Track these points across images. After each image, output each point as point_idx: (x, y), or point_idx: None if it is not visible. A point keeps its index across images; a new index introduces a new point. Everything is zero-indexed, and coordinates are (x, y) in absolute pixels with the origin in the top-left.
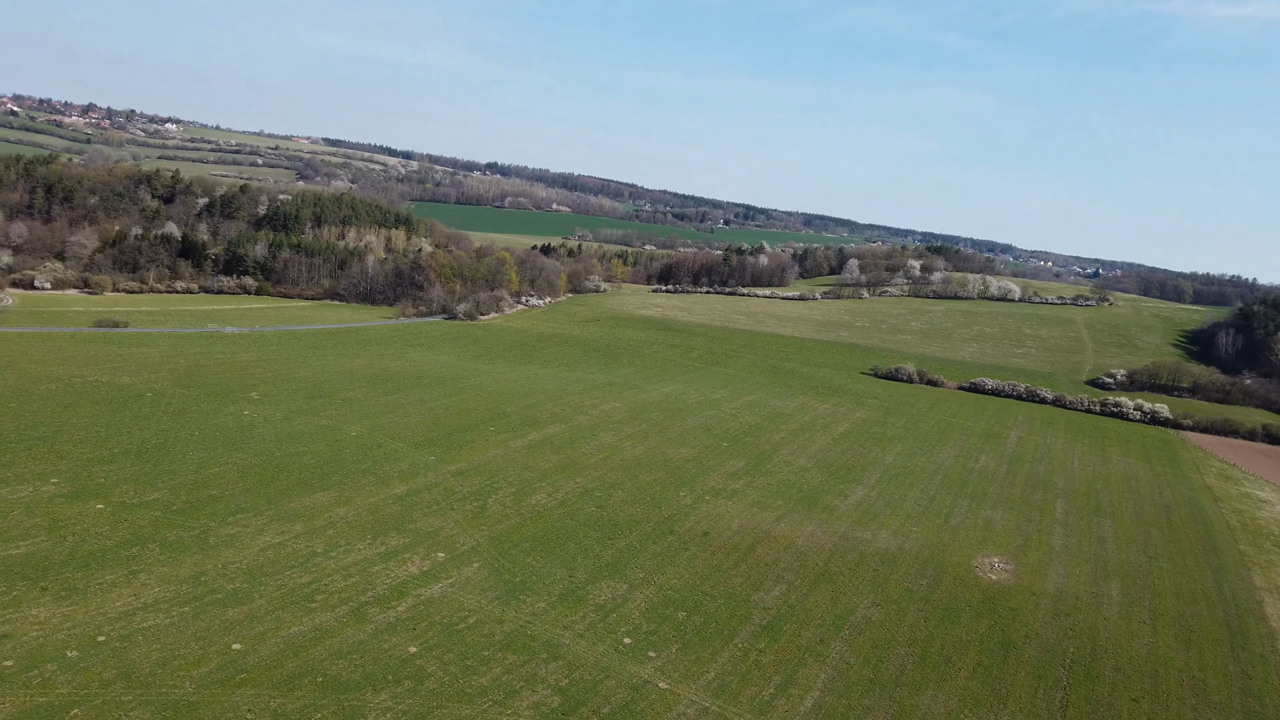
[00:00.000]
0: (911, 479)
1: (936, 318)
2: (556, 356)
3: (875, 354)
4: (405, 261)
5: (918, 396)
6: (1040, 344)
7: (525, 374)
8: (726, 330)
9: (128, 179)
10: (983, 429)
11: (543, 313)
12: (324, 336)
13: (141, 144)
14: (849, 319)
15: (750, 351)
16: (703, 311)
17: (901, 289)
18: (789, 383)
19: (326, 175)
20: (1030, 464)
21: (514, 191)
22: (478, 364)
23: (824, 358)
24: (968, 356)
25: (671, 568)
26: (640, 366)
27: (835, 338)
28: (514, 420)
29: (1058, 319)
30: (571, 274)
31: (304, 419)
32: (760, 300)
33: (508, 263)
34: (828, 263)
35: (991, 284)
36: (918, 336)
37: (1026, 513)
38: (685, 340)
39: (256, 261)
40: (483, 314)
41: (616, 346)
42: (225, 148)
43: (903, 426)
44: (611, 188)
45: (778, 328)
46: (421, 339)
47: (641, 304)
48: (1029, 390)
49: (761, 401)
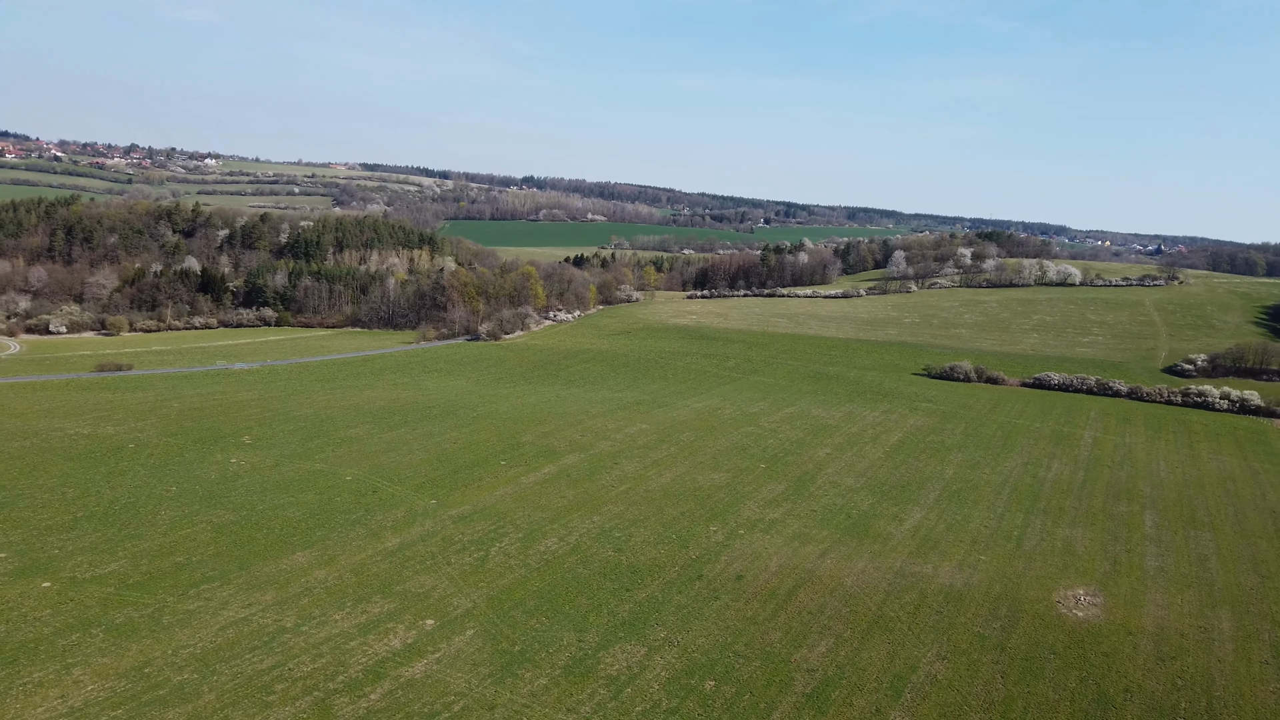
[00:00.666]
0: (975, 495)
1: (992, 308)
2: (582, 374)
3: (927, 352)
4: (427, 282)
5: (976, 397)
6: (1108, 330)
7: (546, 396)
8: (765, 335)
9: (148, 215)
10: (1052, 430)
11: (571, 327)
12: (337, 368)
13: (181, 180)
14: (897, 315)
15: (791, 357)
16: (740, 317)
17: (952, 280)
18: (834, 390)
19: (362, 199)
20: (1109, 469)
21: (549, 204)
22: (496, 388)
23: (871, 359)
24: (1029, 349)
25: (698, 622)
26: (672, 380)
27: (883, 337)
28: (528, 451)
29: (1125, 302)
30: (601, 285)
31: (296, 464)
32: (801, 301)
33: (533, 277)
34: (872, 256)
35: (1049, 268)
36: (973, 330)
37: (1111, 529)
38: (721, 349)
39: (276, 292)
40: (507, 333)
41: (647, 360)
42: (263, 179)
43: (962, 433)
44: (649, 193)
45: (820, 329)
46: (440, 364)
47: (675, 312)
48: (1100, 383)
49: (803, 413)
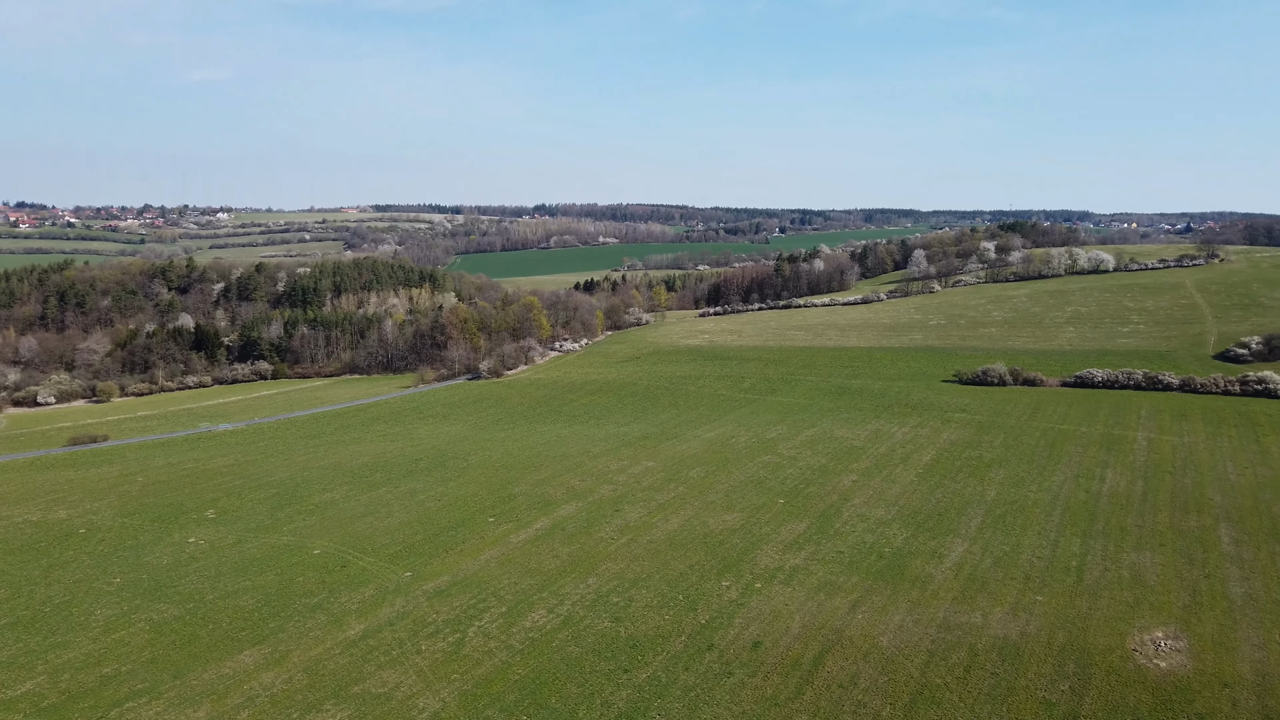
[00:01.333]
0: (1023, 518)
1: (1022, 303)
2: (587, 409)
3: (956, 355)
4: (426, 322)
5: (1014, 402)
6: (1149, 318)
7: (546, 437)
8: (782, 350)
9: (142, 275)
10: (1101, 434)
11: (577, 357)
12: (328, 421)
13: (194, 236)
14: (921, 318)
15: (809, 372)
16: (754, 332)
17: (977, 276)
18: (857, 405)
19: (374, 241)
20: (1171, 475)
21: (560, 230)
22: (493, 432)
23: (897, 368)
24: (1066, 344)
25: (709, 708)
26: (683, 408)
27: (907, 342)
28: (521, 504)
29: (1164, 285)
30: (609, 310)
31: (260, 539)
32: (818, 310)
33: (535, 308)
34: (891, 258)
35: (1079, 256)
36: (1003, 328)
37: (1184, 549)
38: (735, 369)
39: (271, 343)
40: (509, 368)
41: (656, 387)
42: (274, 228)
43: (1002, 445)
44: (661, 212)
45: (840, 339)
46: (435, 408)
47: (687, 332)
48: (1148, 377)
49: (825, 434)
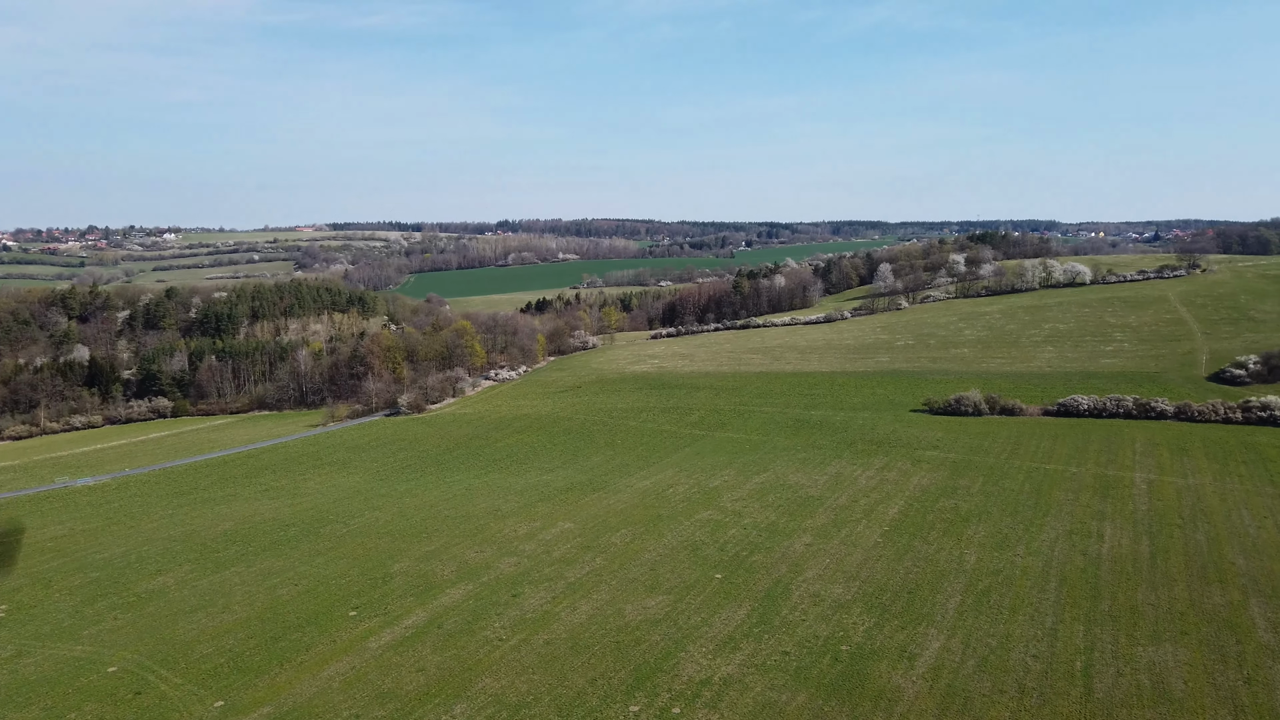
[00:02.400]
0: (1012, 595)
1: (995, 320)
2: (510, 451)
3: (926, 381)
4: (345, 350)
5: (992, 435)
6: (1133, 335)
7: (453, 490)
8: (736, 377)
9: (39, 303)
10: (1093, 476)
11: (513, 388)
12: (207, 471)
13: (138, 259)
14: (888, 338)
15: (766, 402)
16: (708, 356)
17: (946, 291)
18: (817, 442)
19: (326, 260)
20: (1180, 529)
21: (519, 247)
22: (394, 483)
23: (861, 395)
24: (1045, 365)
25: None
26: (619, 448)
27: (873, 366)
28: (397, 588)
29: (1146, 299)
30: (552, 333)
31: (48, 649)
32: (778, 331)
33: (468, 333)
34: (856, 272)
35: (1055, 268)
36: (977, 349)
37: (1212, 639)
38: (683, 400)
39: (173, 378)
40: (433, 402)
41: (593, 423)
42: (223, 249)
43: (980, 491)
44: (627, 227)
45: (800, 363)
46: (337, 453)
47: (635, 357)
48: (1140, 403)
49: (778, 481)
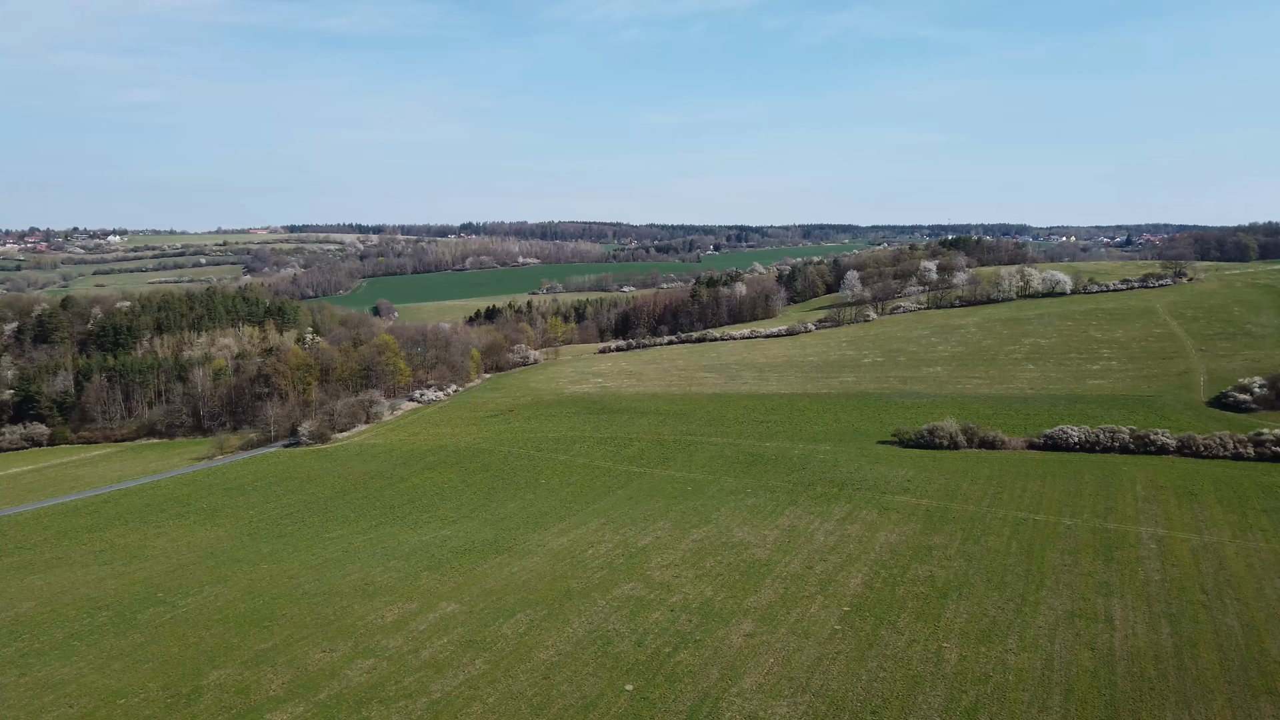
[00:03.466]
0: (1005, 715)
1: (971, 334)
2: (413, 495)
3: (896, 405)
4: (250, 370)
5: (971, 475)
6: (1121, 352)
7: (325, 553)
8: (686, 399)
9: None
10: (1091, 529)
11: (437, 411)
12: (49, 521)
13: (78, 262)
14: (854, 354)
15: (716, 430)
16: (657, 374)
17: (918, 300)
18: (770, 482)
19: (276, 264)
20: (1206, 609)
21: (479, 251)
22: (260, 541)
23: (823, 423)
24: (1026, 386)
25: None
26: (540, 491)
27: (837, 386)
28: (203, 710)
29: (1132, 311)
30: (489, 348)
31: None
32: (736, 345)
33: (390, 349)
34: (822, 280)
35: (1033, 277)
36: (951, 367)
37: None
38: (624, 428)
39: (54, 400)
40: (341, 429)
41: (517, 457)
42: (169, 252)
43: (959, 553)
44: (594, 230)
45: (757, 384)
46: (211, 497)
47: (578, 375)
48: (1137, 435)
49: (721, 538)
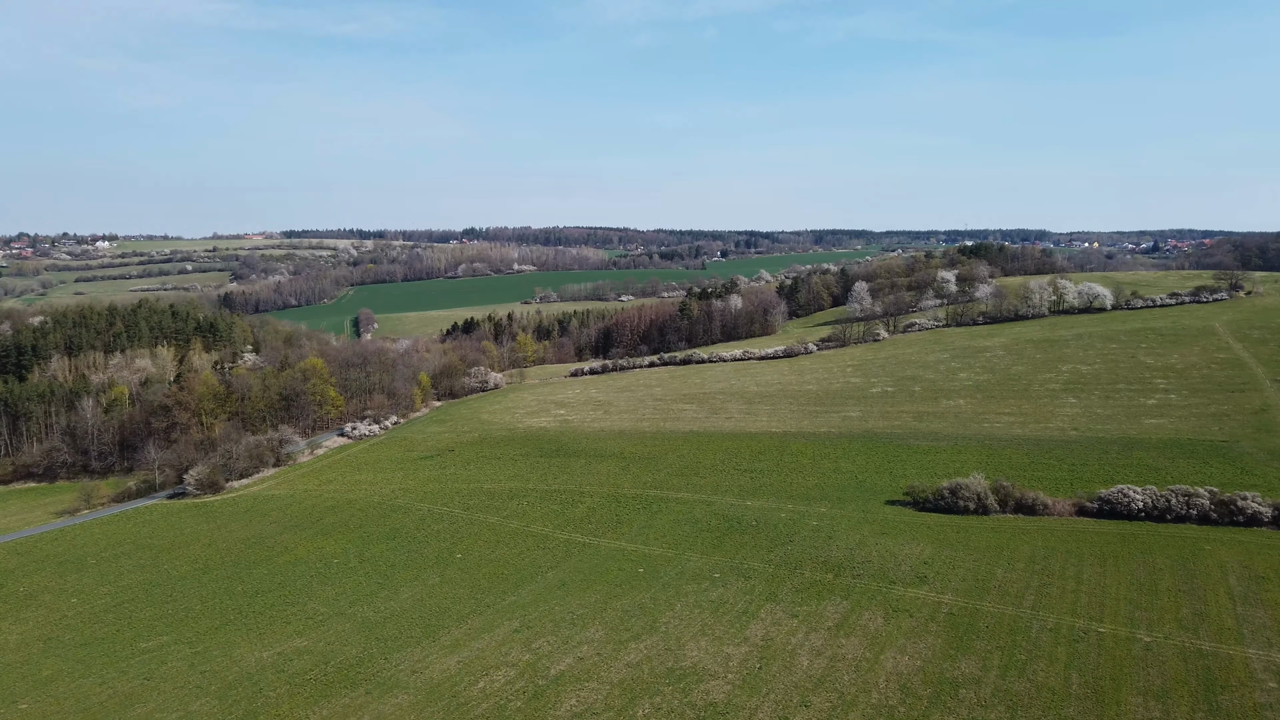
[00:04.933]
0: None
1: (998, 358)
2: (288, 574)
3: (909, 449)
4: (154, 400)
5: (1006, 553)
6: (1180, 382)
7: (125, 677)
8: (657, 439)
9: None
10: (1178, 651)
11: (365, 450)
12: None
13: (63, 268)
14: (860, 382)
15: (687, 481)
16: (630, 405)
17: (934, 317)
18: (746, 563)
19: (265, 271)
20: None
21: (473, 257)
22: (56, 652)
23: (819, 474)
24: (1068, 426)
25: None
26: (453, 571)
27: (839, 423)
28: None
29: (1186, 331)
30: (442, 371)
31: None
32: (725, 368)
33: (317, 375)
34: (828, 292)
35: (1067, 290)
36: (976, 399)
37: None
38: (578, 477)
39: None
40: (242, 475)
41: (437, 518)
42: (156, 258)
43: (996, 690)
44: (599, 235)
45: (744, 419)
46: (41, 572)
47: (539, 405)
48: (1219, 501)
49: (666, 659)
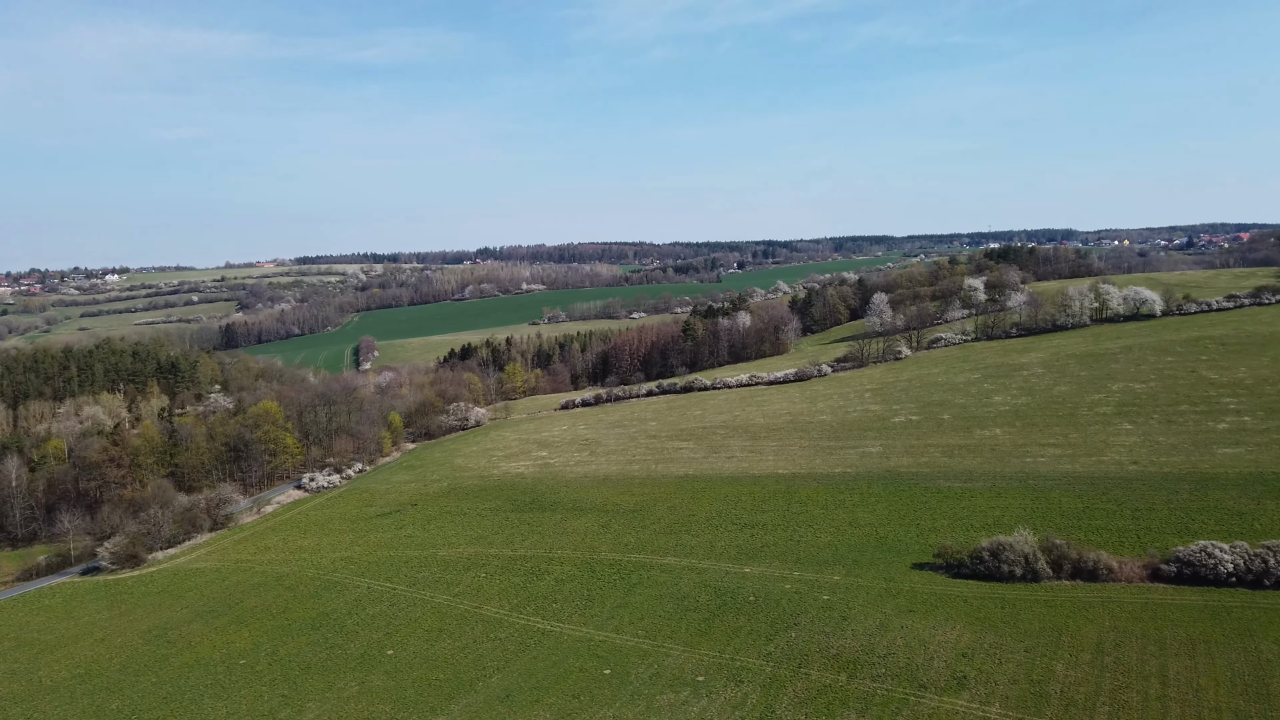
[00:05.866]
0: None
1: (1037, 377)
2: (171, 688)
3: (938, 495)
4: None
5: (1067, 640)
6: (1253, 400)
7: None
8: (647, 486)
9: None
10: None
11: (320, 506)
12: None
13: (70, 304)
14: (881, 410)
15: (676, 541)
16: (621, 443)
17: (962, 331)
18: (736, 659)
19: (271, 299)
20: None
21: (481, 278)
22: None
23: (832, 527)
24: (1126, 459)
25: None
26: (377, 676)
27: (856, 462)
28: None
29: (1252, 340)
30: (416, 409)
31: None
32: (730, 396)
33: (271, 421)
34: (845, 304)
35: (1111, 295)
36: (1015, 428)
37: None
38: (549, 539)
39: None
40: (166, 547)
41: (375, 599)
42: (164, 290)
43: None
44: (614, 251)
45: (747, 458)
46: None
47: (521, 445)
48: None
49: None
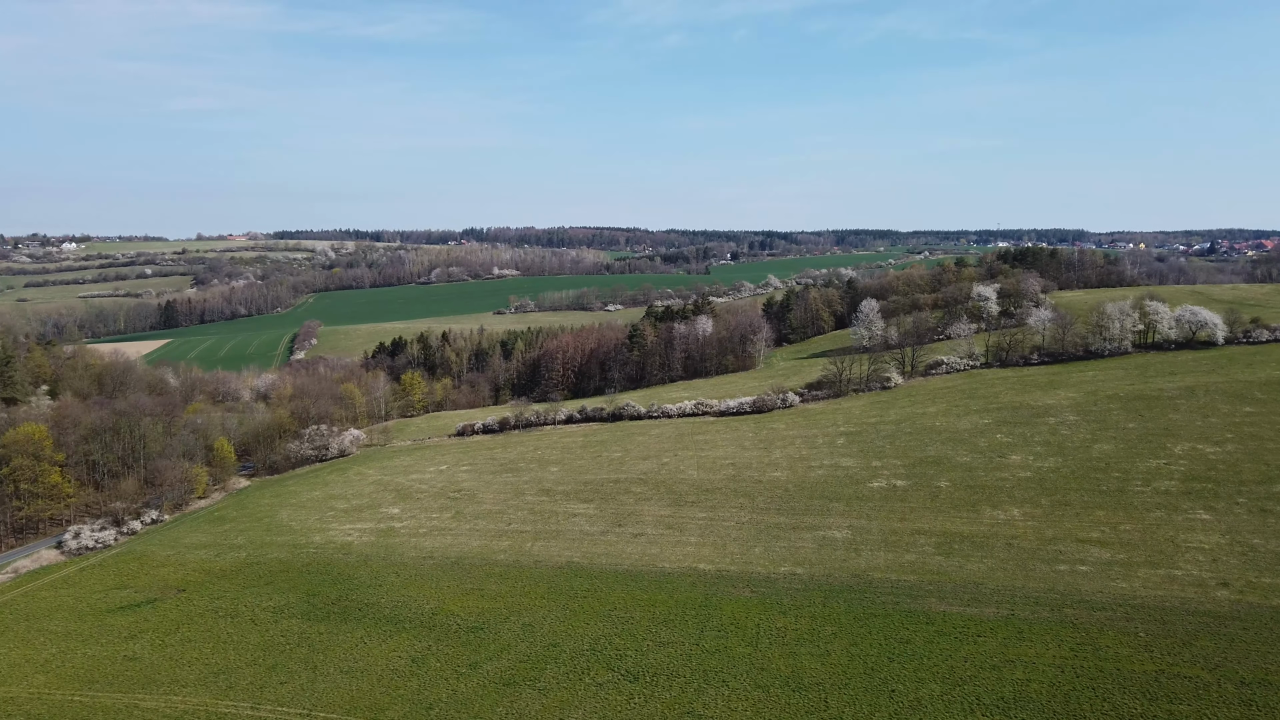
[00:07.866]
0: None
1: (1070, 428)
2: None
3: (925, 630)
4: None
5: None
6: None
7: None
8: (507, 583)
9: None
10: None
11: (60, 581)
12: None
13: (18, 272)
14: (854, 466)
15: (508, 710)
16: (502, 499)
17: (969, 352)
18: None
19: (229, 275)
20: None
21: (451, 261)
22: None
23: (752, 691)
24: (1208, 573)
25: None
26: None
27: (809, 559)
28: None
29: None
30: (266, 430)
31: None
32: (665, 430)
33: (30, 453)
34: (829, 309)
35: (1161, 315)
36: (1039, 510)
37: None
38: (321, 685)
39: None
40: None
41: None
42: (119, 261)
43: None
44: (605, 236)
45: (661, 538)
46: None
47: (375, 491)
48: None
49: None
